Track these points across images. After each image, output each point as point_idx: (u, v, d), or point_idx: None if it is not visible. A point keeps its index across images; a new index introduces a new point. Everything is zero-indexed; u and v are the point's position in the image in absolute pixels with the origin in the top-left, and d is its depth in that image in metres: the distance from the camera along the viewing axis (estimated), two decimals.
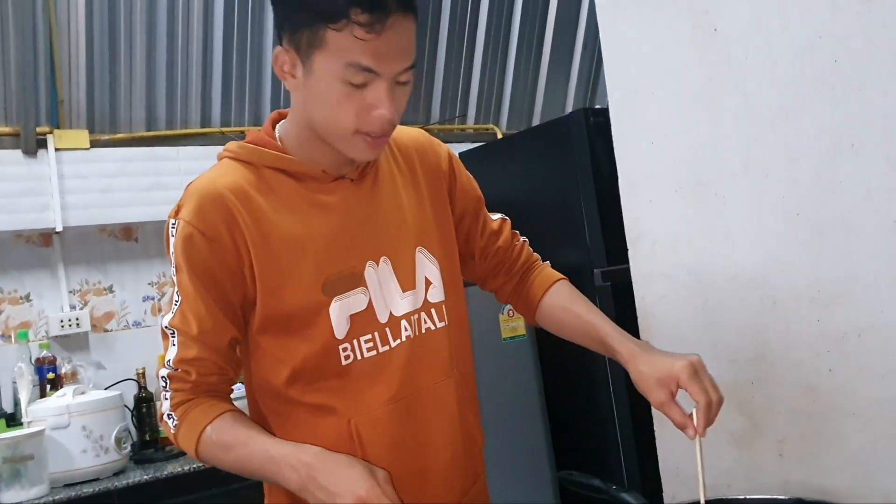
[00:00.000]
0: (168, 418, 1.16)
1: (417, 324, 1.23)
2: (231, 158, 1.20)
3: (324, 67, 1.07)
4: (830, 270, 1.38)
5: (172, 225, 1.15)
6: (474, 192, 1.40)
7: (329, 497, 1.04)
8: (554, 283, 1.42)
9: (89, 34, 2.92)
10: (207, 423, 1.14)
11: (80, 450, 2.44)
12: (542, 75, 4.06)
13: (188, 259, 1.13)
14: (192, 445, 1.14)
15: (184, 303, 1.14)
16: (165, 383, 1.16)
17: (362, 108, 1.09)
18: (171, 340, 1.15)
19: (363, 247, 1.19)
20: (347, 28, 1.03)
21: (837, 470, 1.39)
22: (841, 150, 1.34)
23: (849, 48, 1.32)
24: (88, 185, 2.99)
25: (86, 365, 2.89)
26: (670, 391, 1.18)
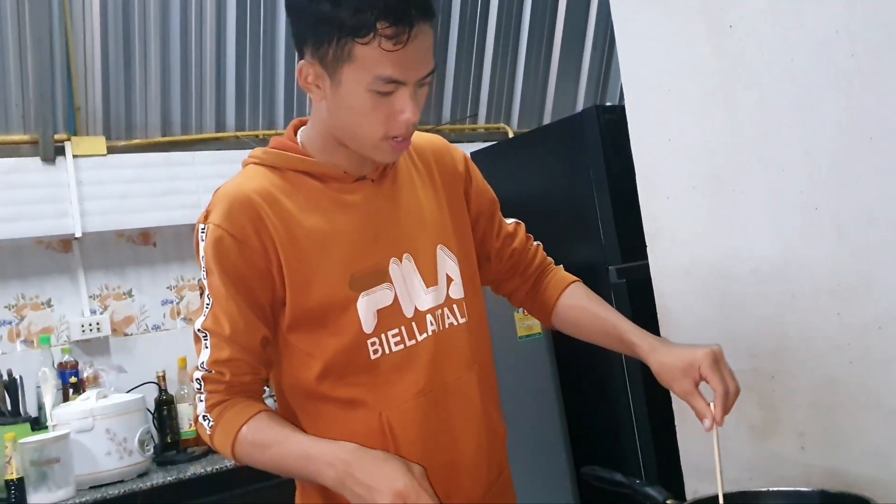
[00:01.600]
0: (203, 420, 1.18)
1: (441, 319, 1.26)
2: (256, 164, 1.23)
3: (352, 80, 1.10)
4: (850, 263, 1.38)
5: (202, 230, 1.18)
6: (489, 194, 1.43)
7: (367, 492, 1.06)
8: (569, 284, 1.46)
9: (104, 42, 2.95)
10: (243, 424, 1.15)
11: (105, 452, 2.46)
12: (553, 74, 4.07)
13: (219, 262, 1.15)
14: (229, 446, 1.16)
15: (215, 305, 1.16)
16: (200, 385, 1.17)
17: (389, 114, 1.13)
18: (204, 343, 1.17)
19: (386, 243, 1.23)
20: (375, 41, 1.07)
21: (860, 462, 1.40)
22: (859, 144, 1.35)
23: (865, 42, 1.32)
24: (106, 191, 3.02)
25: (107, 369, 2.92)
26: (694, 380, 1.21)
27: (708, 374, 1.19)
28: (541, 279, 1.47)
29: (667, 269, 1.69)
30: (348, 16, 1.06)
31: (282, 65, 3.31)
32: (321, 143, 1.22)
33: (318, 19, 1.09)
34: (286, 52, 3.30)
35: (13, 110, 2.87)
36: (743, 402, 1.56)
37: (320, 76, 1.14)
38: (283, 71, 3.32)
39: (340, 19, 1.07)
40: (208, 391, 1.17)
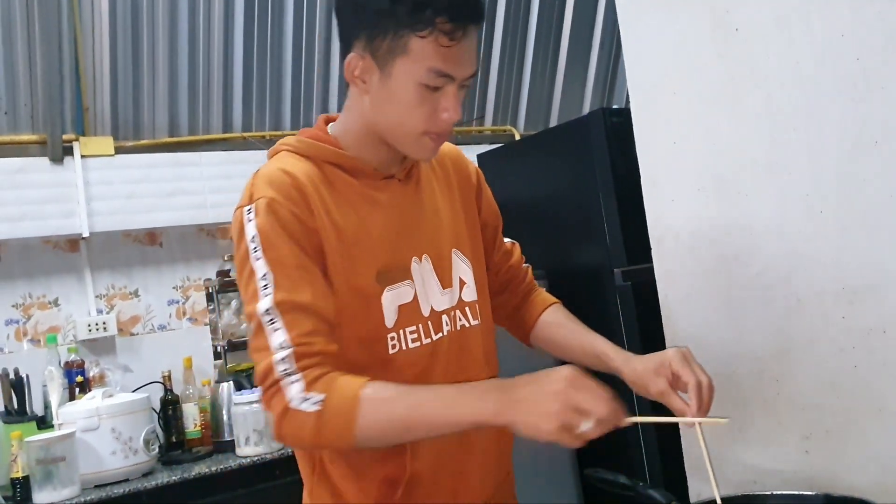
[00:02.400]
0: (302, 403, 1.06)
1: (454, 320, 1.27)
2: (290, 151, 1.23)
3: (404, 72, 1.13)
4: (854, 267, 1.38)
5: (249, 210, 1.14)
6: (495, 209, 1.47)
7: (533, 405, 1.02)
8: (550, 304, 1.48)
9: (113, 43, 2.96)
10: (362, 385, 1.07)
11: (110, 451, 2.47)
12: (560, 76, 4.07)
13: (283, 229, 1.12)
14: (352, 412, 1.05)
15: (282, 278, 1.10)
16: (288, 366, 1.07)
17: (433, 110, 1.15)
18: (273, 325, 1.09)
19: (409, 243, 1.24)
20: (432, 36, 1.10)
21: (864, 466, 1.40)
22: (864, 147, 1.35)
23: (871, 46, 1.32)
24: (114, 191, 3.03)
25: (113, 368, 2.94)
26: (667, 379, 1.22)
27: (678, 369, 1.21)
28: (526, 298, 1.50)
29: (671, 272, 1.69)
30: (408, 10, 1.10)
31: (288, 66, 3.32)
32: (355, 138, 1.23)
33: (377, 13, 1.12)
34: (293, 54, 3.31)
35: (22, 110, 2.88)
36: (747, 406, 1.57)
37: (369, 69, 1.16)
38: (290, 72, 3.33)
39: (400, 13, 1.10)
40: (302, 367, 1.07)
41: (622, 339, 2.79)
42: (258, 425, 2.66)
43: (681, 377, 1.21)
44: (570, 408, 1.00)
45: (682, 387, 1.22)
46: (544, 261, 3.06)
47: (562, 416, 1.00)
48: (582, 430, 1.00)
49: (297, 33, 3.29)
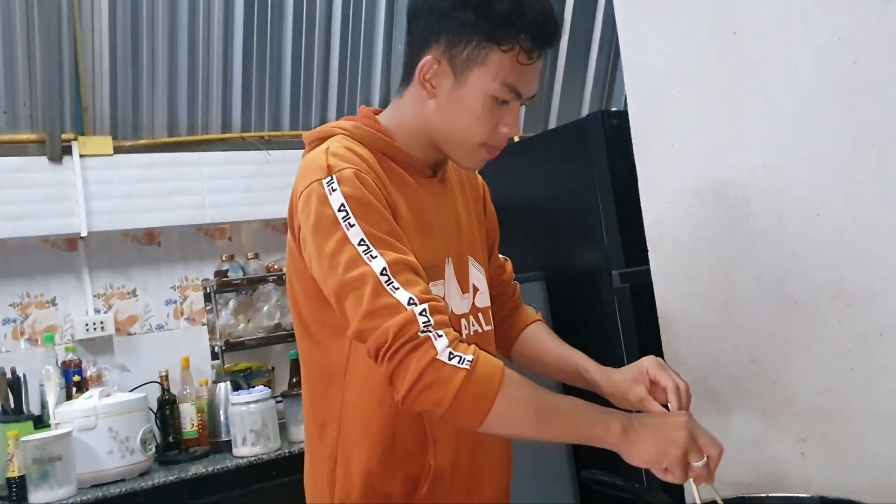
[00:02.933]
0: (450, 358, 1.01)
1: (470, 325, 1.29)
2: (346, 136, 1.22)
3: (479, 82, 1.16)
4: (851, 270, 1.39)
5: (329, 182, 1.11)
6: (496, 223, 1.49)
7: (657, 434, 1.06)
8: (534, 321, 1.50)
9: (112, 43, 2.96)
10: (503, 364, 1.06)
11: (107, 451, 2.47)
12: (559, 78, 4.08)
13: (373, 195, 1.11)
14: (497, 381, 1.02)
15: (381, 242, 1.07)
16: (427, 318, 1.02)
17: (496, 124, 1.19)
18: (392, 286, 1.04)
19: (442, 243, 1.26)
20: (513, 52, 1.14)
21: (859, 468, 1.40)
22: (861, 151, 1.35)
23: (869, 50, 1.33)
24: (112, 190, 3.04)
25: (110, 368, 2.94)
26: (645, 386, 1.26)
27: (655, 374, 1.24)
28: (512, 312, 1.51)
29: (668, 274, 1.69)
30: (494, 24, 1.13)
31: (288, 66, 3.32)
32: (408, 135, 1.24)
33: (462, 23, 1.15)
34: (292, 54, 3.31)
35: (21, 109, 2.89)
36: (743, 408, 1.57)
37: (443, 74, 1.18)
38: (289, 72, 3.34)
39: (485, 26, 1.14)
40: (439, 321, 1.03)
41: (619, 341, 2.79)
42: (255, 425, 2.66)
43: (659, 382, 1.24)
44: (694, 440, 1.06)
45: (659, 393, 1.25)
46: (542, 262, 3.07)
47: (687, 444, 1.05)
48: (696, 465, 1.06)
49: (297, 34, 3.30)
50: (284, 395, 2.89)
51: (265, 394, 2.74)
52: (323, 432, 1.24)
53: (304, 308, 1.23)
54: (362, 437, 1.20)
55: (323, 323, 1.20)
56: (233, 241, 3.36)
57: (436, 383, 1.01)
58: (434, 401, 1.01)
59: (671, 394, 1.21)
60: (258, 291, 3.24)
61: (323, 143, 1.20)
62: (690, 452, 1.05)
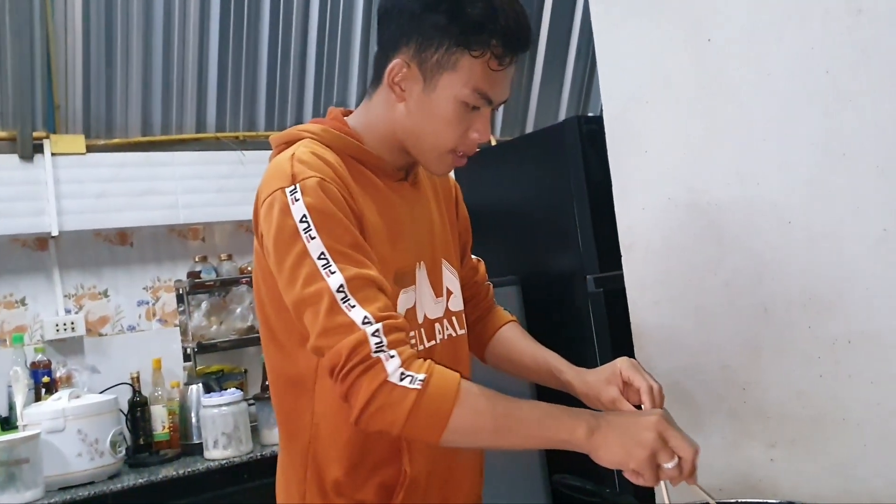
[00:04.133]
0: (402, 379, 1.00)
1: (443, 329, 1.28)
2: (314, 140, 1.20)
3: (448, 88, 1.14)
4: (822, 278, 1.40)
5: (292, 191, 1.08)
6: (468, 224, 1.48)
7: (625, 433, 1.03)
8: (508, 322, 1.49)
9: (86, 40, 2.93)
10: (459, 377, 1.04)
11: (76, 453, 2.44)
12: (536, 83, 4.09)
13: (337, 207, 1.09)
14: (451, 399, 1.01)
15: (343, 256, 1.06)
16: (380, 339, 1.01)
17: (466, 129, 1.17)
18: (349, 303, 1.03)
19: (414, 248, 1.24)
20: (484, 57, 1.12)
21: (828, 474, 1.42)
22: (832, 159, 1.37)
23: (840, 59, 1.34)
24: (84, 189, 3.00)
25: (81, 369, 2.90)
26: (618, 387, 1.25)
27: (629, 375, 1.24)
28: (485, 314, 1.51)
29: (641, 280, 1.70)
30: (465, 29, 1.11)
31: (264, 66, 3.30)
32: (378, 138, 1.22)
33: (432, 26, 1.13)
34: (268, 54, 3.29)
35: None
36: (714, 413, 1.58)
37: (412, 78, 1.16)
38: (265, 72, 3.32)
39: (455, 30, 1.12)
40: (394, 343, 1.02)
41: (593, 346, 2.81)
42: (227, 428, 2.64)
43: (632, 383, 1.24)
44: (663, 441, 1.02)
45: (632, 396, 1.25)
46: (518, 266, 3.07)
47: (654, 445, 1.01)
48: (667, 466, 1.03)
49: (273, 34, 3.28)
50: (257, 398, 2.87)
51: (237, 396, 2.72)
52: (293, 440, 1.23)
53: (272, 315, 1.20)
54: (333, 446, 1.18)
55: (291, 331, 1.17)
56: (206, 241, 3.34)
57: (387, 405, 1.00)
58: (387, 422, 1.01)
59: (644, 395, 1.21)
60: (231, 293, 3.22)
61: (290, 147, 1.18)
62: (659, 453, 1.02)
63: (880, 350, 1.33)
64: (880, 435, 1.34)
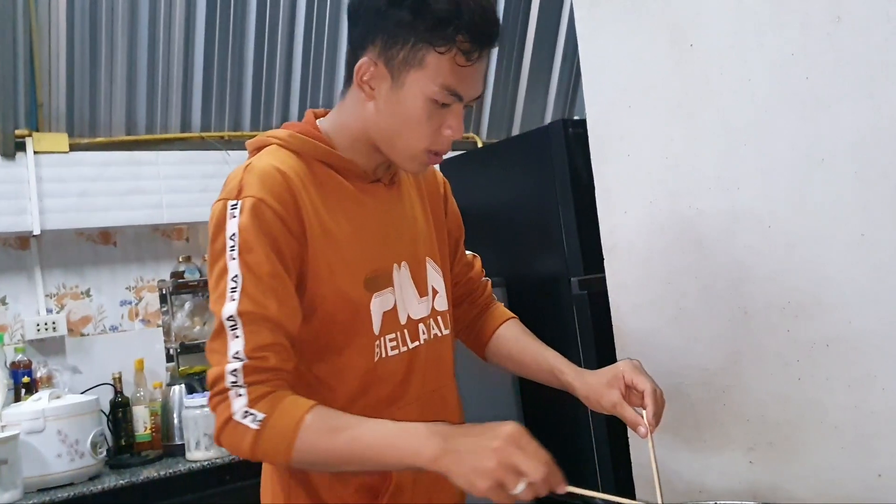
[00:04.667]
0: (244, 417, 1.04)
1: (429, 329, 1.28)
2: (281, 146, 1.19)
3: (416, 85, 1.12)
4: (800, 282, 1.41)
5: (233, 206, 1.10)
6: (459, 221, 1.46)
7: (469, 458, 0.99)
8: (508, 319, 1.49)
9: (70, 37, 2.91)
10: (306, 411, 1.05)
11: (55, 454, 2.42)
12: (522, 86, 4.10)
13: (262, 235, 1.09)
14: (288, 439, 1.03)
15: (252, 285, 1.07)
16: (237, 377, 1.05)
17: (437, 127, 1.15)
18: (234, 332, 1.06)
19: (392, 249, 1.24)
20: (450, 53, 1.10)
21: (805, 476, 1.43)
22: (812, 165, 1.38)
23: (820, 65, 1.36)
24: (67, 188, 2.97)
25: (62, 369, 2.88)
26: (620, 391, 1.25)
27: (633, 378, 1.24)
28: (484, 311, 1.50)
29: (623, 283, 1.70)
30: (430, 25, 1.09)
31: (250, 66, 3.29)
32: (350, 139, 1.21)
33: (397, 23, 1.11)
34: (254, 54, 3.28)
35: None
36: (694, 416, 1.59)
37: (380, 76, 1.14)
38: (251, 72, 3.30)
39: (421, 26, 1.09)
40: (250, 382, 1.05)
41: (577, 348, 2.82)
42: (209, 429, 2.62)
43: (636, 386, 1.24)
44: (507, 467, 0.97)
45: (634, 400, 1.25)
46: (503, 268, 3.08)
47: (496, 473, 0.97)
48: (515, 491, 0.97)
49: (260, 34, 3.27)
50: None
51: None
52: None
53: None
54: None
55: None
56: (190, 242, 3.32)
57: (231, 438, 1.06)
58: (235, 451, 1.07)
59: (648, 397, 1.22)
60: None
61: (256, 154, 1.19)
62: (504, 480, 0.96)
63: (857, 353, 1.34)
64: (858, 438, 1.35)
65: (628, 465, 1.73)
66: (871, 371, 1.33)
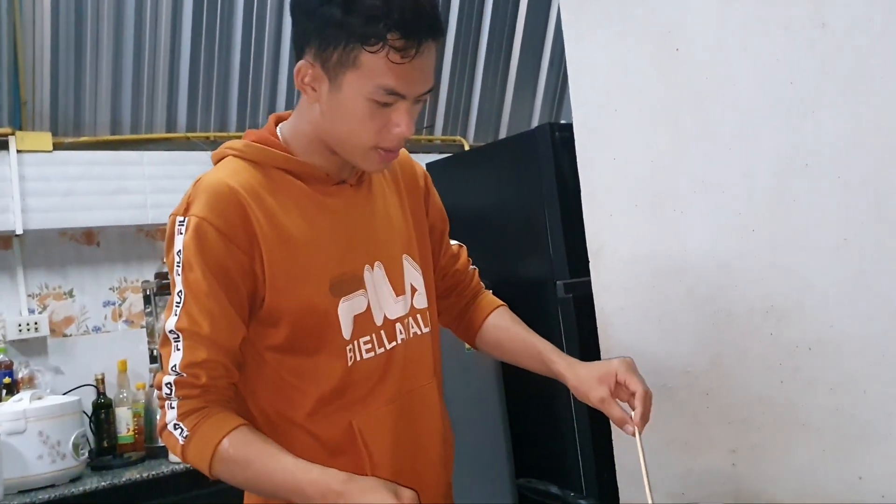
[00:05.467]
0: (175, 429, 1.11)
1: (407, 328, 1.27)
2: (236, 157, 1.20)
3: (353, 86, 1.10)
4: (783, 285, 1.42)
5: (181, 222, 1.12)
6: (443, 213, 1.45)
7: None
8: (497, 307, 1.49)
9: (54, 35, 2.89)
10: (223, 436, 1.10)
11: (36, 455, 2.40)
12: (509, 90, 4.11)
13: (202, 256, 1.10)
14: (206, 460, 1.10)
15: (191, 302, 1.11)
16: (171, 391, 1.11)
17: (383, 125, 1.13)
18: (175, 345, 1.11)
19: (362, 250, 1.23)
20: (383, 51, 1.07)
21: (787, 478, 1.44)
22: (795, 169, 1.39)
23: (804, 71, 1.37)
24: (50, 187, 2.95)
25: (44, 370, 2.84)
26: (609, 388, 1.26)
27: (626, 378, 1.25)
28: (472, 300, 1.50)
29: (608, 286, 1.71)
30: (360, 23, 1.06)
31: (236, 66, 3.28)
32: (306, 143, 1.20)
33: (328, 23, 1.08)
34: (241, 54, 3.27)
35: None
36: (677, 418, 1.60)
37: (319, 78, 1.13)
38: (237, 73, 3.29)
39: (351, 25, 1.07)
40: (181, 397, 1.11)
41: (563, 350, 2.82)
42: None
43: (628, 386, 1.25)
44: None
45: (623, 396, 1.26)
46: (489, 271, 3.07)
47: None
48: None
49: (247, 33, 3.26)
50: None
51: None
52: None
53: None
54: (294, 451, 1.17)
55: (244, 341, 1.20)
56: None
57: (168, 443, 1.14)
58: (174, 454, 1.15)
59: (638, 400, 1.23)
60: None
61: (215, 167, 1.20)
62: None
63: (839, 357, 1.35)
64: (839, 440, 1.36)
65: (611, 462, 1.73)
66: (852, 374, 1.34)
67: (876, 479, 1.32)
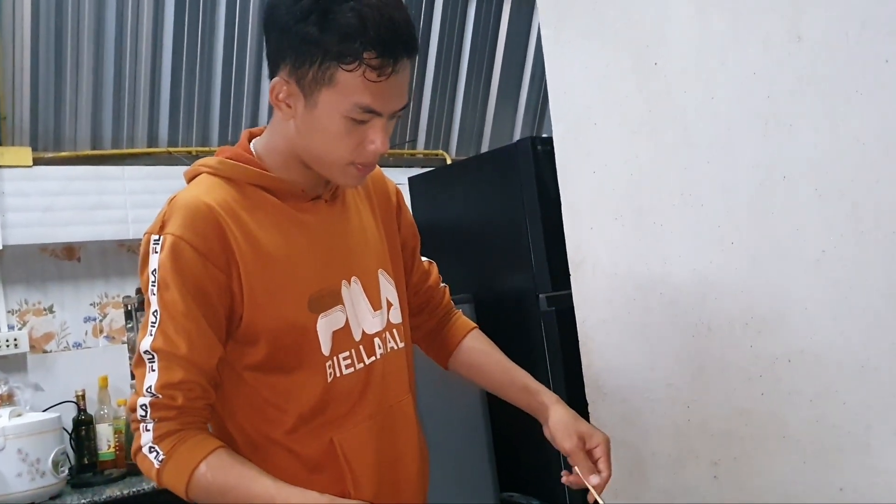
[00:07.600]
0: (150, 452, 1.10)
1: (385, 343, 1.27)
2: (211, 174, 1.19)
3: (329, 104, 1.10)
4: (763, 297, 1.43)
5: (156, 241, 1.11)
6: (414, 229, 1.45)
7: None
8: (472, 329, 1.48)
9: (34, 50, 2.87)
10: (201, 460, 1.09)
11: (16, 473, 2.36)
12: (491, 104, 4.13)
13: (178, 275, 1.10)
14: (183, 483, 1.09)
15: (167, 322, 1.10)
16: (146, 412, 1.10)
17: (359, 142, 1.13)
18: (150, 366, 1.10)
19: (339, 265, 1.22)
20: (359, 70, 1.07)
21: (769, 490, 1.44)
22: (773, 182, 1.40)
23: (781, 84, 1.38)
24: (30, 203, 2.93)
25: (23, 386, 2.81)
26: (582, 446, 1.25)
27: (602, 456, 1.25)
28: (445, 320, 1.50)
29: (589, 299, 1.72)
30: (336, 41, 1.06)
31: (218, 81, 3.28)
32: (281, 159, 1.19)
33: (304, 40, 1.08)
34: (223, 69, 3.27)
35: None
36: (659, 430, 1.60)
37: (294, 95, 1.12)
38: (219, 87, 3.29)
39: (327, 43, 1.06)
40: (157, 419, 1.10)
41: (545, 364, 2.82)
42: None
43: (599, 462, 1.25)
44: None
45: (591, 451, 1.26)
46: (471, 284, 3.08)
47: None
48: None
49: (228, 48, 3.26)
50: None
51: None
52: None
53: None
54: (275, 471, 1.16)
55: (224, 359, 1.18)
56: None
57: (142, 466, 1.13)
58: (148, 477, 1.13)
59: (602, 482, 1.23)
60: None
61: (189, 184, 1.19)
62: None
63: (819, 368, 1.36)
64: (819, 451, 1.37)
65: None
66: (832, 385, 1.35)
67: (856, 490, 1.33)
